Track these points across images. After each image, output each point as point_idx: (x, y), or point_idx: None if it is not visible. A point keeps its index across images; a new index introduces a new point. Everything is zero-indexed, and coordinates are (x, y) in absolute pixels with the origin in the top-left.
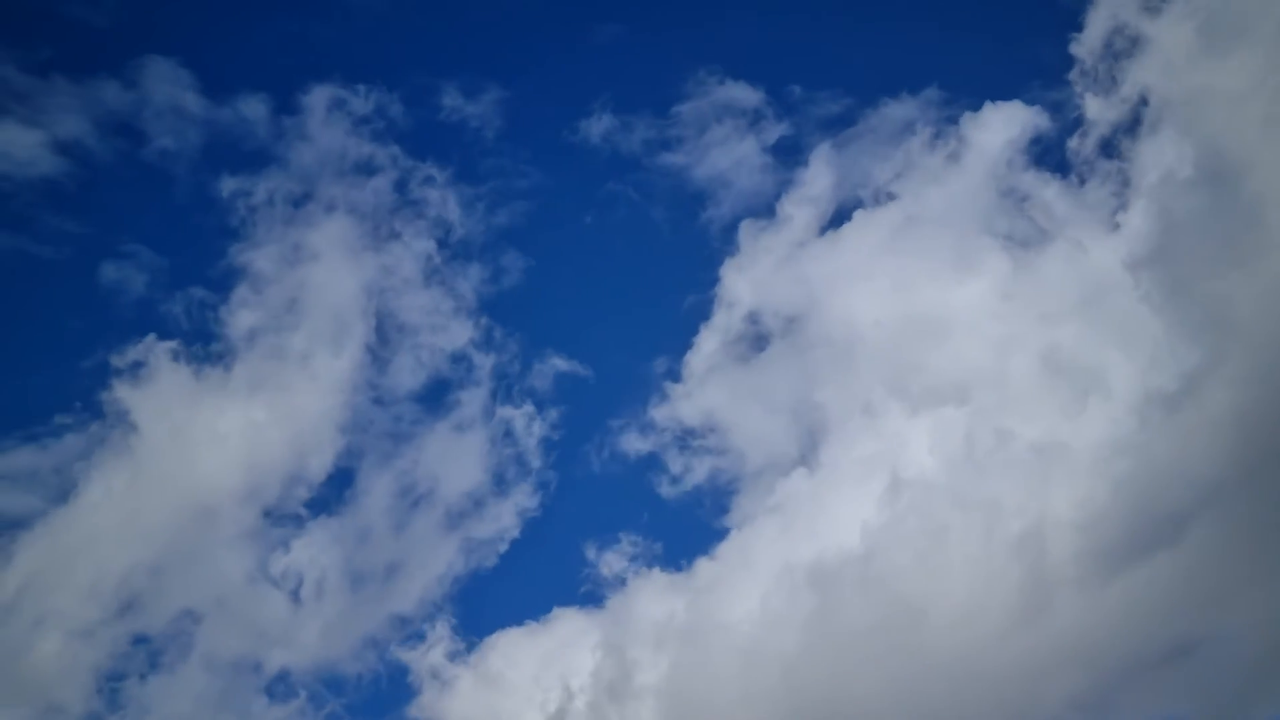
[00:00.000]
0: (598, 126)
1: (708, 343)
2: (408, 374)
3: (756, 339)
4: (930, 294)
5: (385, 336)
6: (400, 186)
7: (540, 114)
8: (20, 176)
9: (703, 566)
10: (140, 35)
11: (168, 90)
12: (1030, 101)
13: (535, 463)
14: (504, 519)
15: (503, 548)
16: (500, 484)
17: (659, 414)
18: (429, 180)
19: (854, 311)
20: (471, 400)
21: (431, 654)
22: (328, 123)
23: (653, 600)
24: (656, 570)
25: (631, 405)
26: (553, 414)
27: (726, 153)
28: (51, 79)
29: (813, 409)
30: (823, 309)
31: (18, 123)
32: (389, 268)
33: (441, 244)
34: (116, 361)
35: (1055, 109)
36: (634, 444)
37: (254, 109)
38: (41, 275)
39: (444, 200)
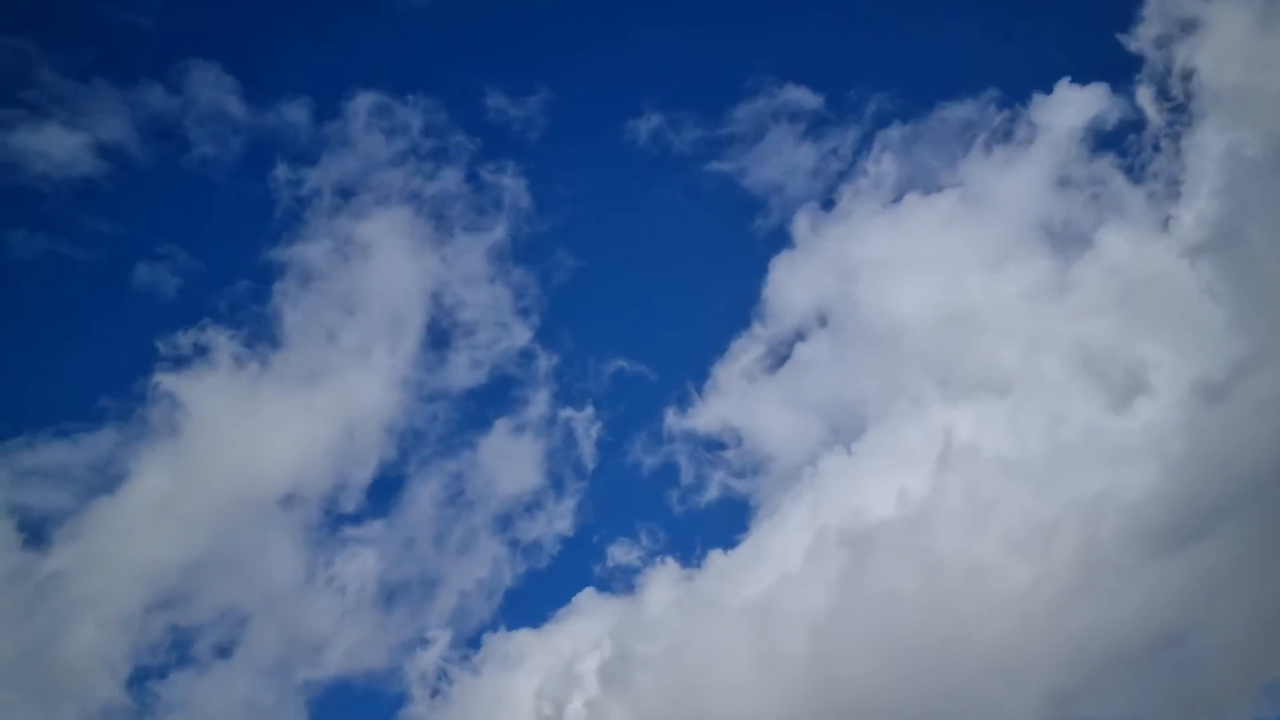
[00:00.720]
0: (647, 128)
1: (751, 346)
2: (462, 372)
3: (802, 335)
4: (980, 284)
5: (437, 335)
6: (446, 187)
7: (590, 116)
8: (60, 178)
9: (740, 551)
10: (185, 39)
11: (211, 95)
12: (1089, 93)
13: (587, 465)
14: (555, 522)
15: (555, 550)
16: (556, 486)
17: (702, 415)
18: (477, 180)
19: (902, 302)
20: (521, 401)
21: (469, 655)
22: (370, 127)
23: (682, 590)
24: (695, 561)
25: (674, 407)
26: (601, 416)
27: (780, 157)
28: (95, 82)
29: (855, 400)
30: (870, 301)
31: (60, 125)
32: (439, 267)
33: (492, 245)
34: (156, 361)
35: (1114, 99)
36: (676, 446)
37: (297, 114)
38: (77, 276)
39: (492, 201)
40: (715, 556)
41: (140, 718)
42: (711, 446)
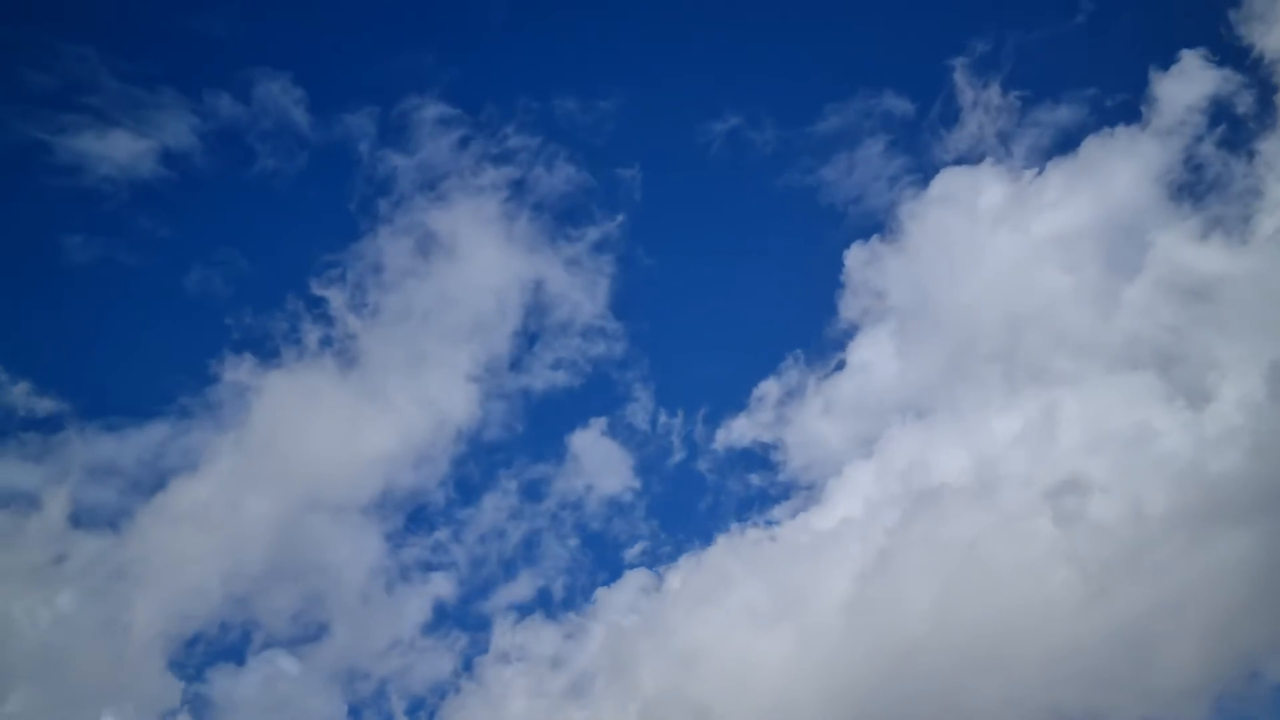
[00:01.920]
0: (724, 129)
1: (821, 350)
2: (535, 376)
3: (873, 332)
4: (1059, 272)
5: (510, 336)
6: (520, 190)
7: (668, 117)
8: (123, 181)
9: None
10: (255, 48)
11: (278, 104)
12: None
13: (657, 467)
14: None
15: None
16: (645, 488)
17: (762, 418)
18: (553, 184)
19: (978, 291)
20: (608, 402)
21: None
22: (435, 135)
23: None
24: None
25: (733, 412)
26: (672, 417)
27: (867, 165)
28: (163, 89)
29: (925, 389)
30: (950, 291)
31: (126, 132)
32: (509, 267)
33: (562, 246)
34: (215, 360)
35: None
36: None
37: (363, 124)
38: (135, 279)
39: (568, 204)
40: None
41: (186, 714)
42: (769, 450)
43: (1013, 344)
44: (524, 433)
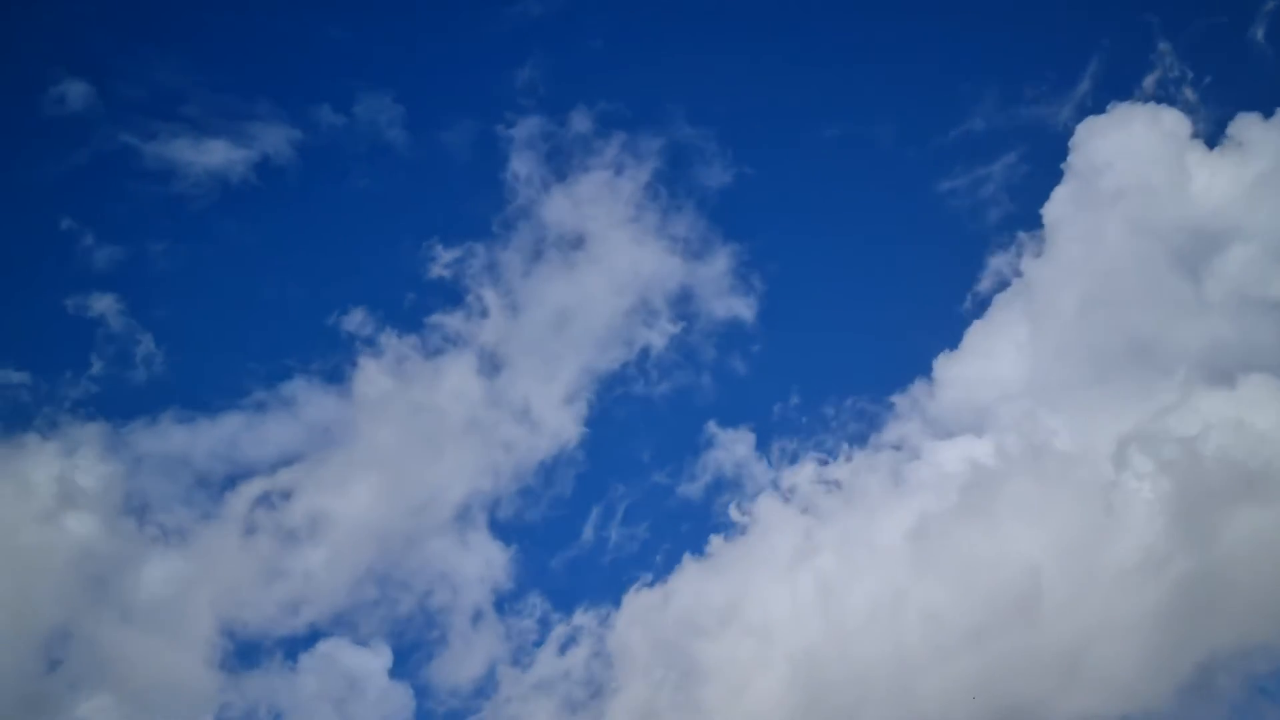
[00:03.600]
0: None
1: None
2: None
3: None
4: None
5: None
6: (626, 197)
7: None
8: (213, 186)
9: None
10: (357, 65)
11: (376, 119)
12: None
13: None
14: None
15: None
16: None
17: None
18: (657, 190)
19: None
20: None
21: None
22: (533, 146)
23: None
24: None
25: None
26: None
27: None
28: (263, 102)
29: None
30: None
31: (228, 142)
32: (613, 272)
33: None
34: (303, 361)
35: None
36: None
37: (463, 136)
38: (223, 283)
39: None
40: None
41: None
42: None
43: (1132, 338)
44: (653, 440)
